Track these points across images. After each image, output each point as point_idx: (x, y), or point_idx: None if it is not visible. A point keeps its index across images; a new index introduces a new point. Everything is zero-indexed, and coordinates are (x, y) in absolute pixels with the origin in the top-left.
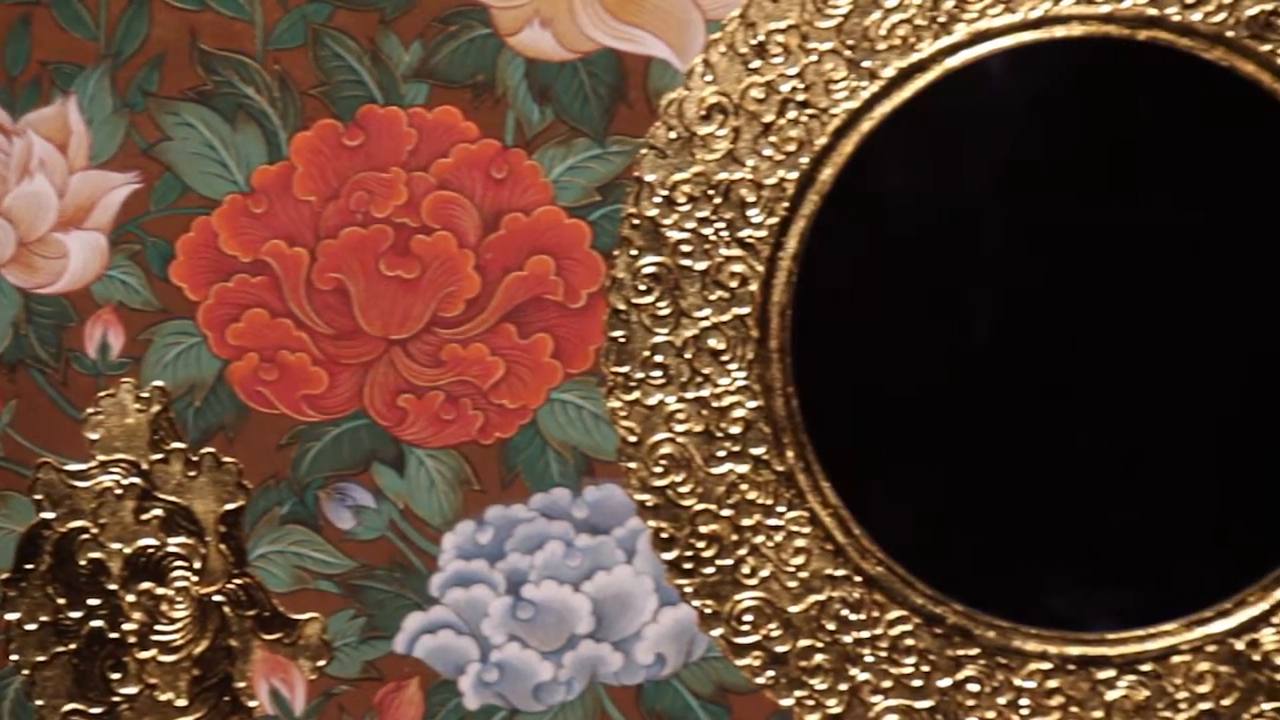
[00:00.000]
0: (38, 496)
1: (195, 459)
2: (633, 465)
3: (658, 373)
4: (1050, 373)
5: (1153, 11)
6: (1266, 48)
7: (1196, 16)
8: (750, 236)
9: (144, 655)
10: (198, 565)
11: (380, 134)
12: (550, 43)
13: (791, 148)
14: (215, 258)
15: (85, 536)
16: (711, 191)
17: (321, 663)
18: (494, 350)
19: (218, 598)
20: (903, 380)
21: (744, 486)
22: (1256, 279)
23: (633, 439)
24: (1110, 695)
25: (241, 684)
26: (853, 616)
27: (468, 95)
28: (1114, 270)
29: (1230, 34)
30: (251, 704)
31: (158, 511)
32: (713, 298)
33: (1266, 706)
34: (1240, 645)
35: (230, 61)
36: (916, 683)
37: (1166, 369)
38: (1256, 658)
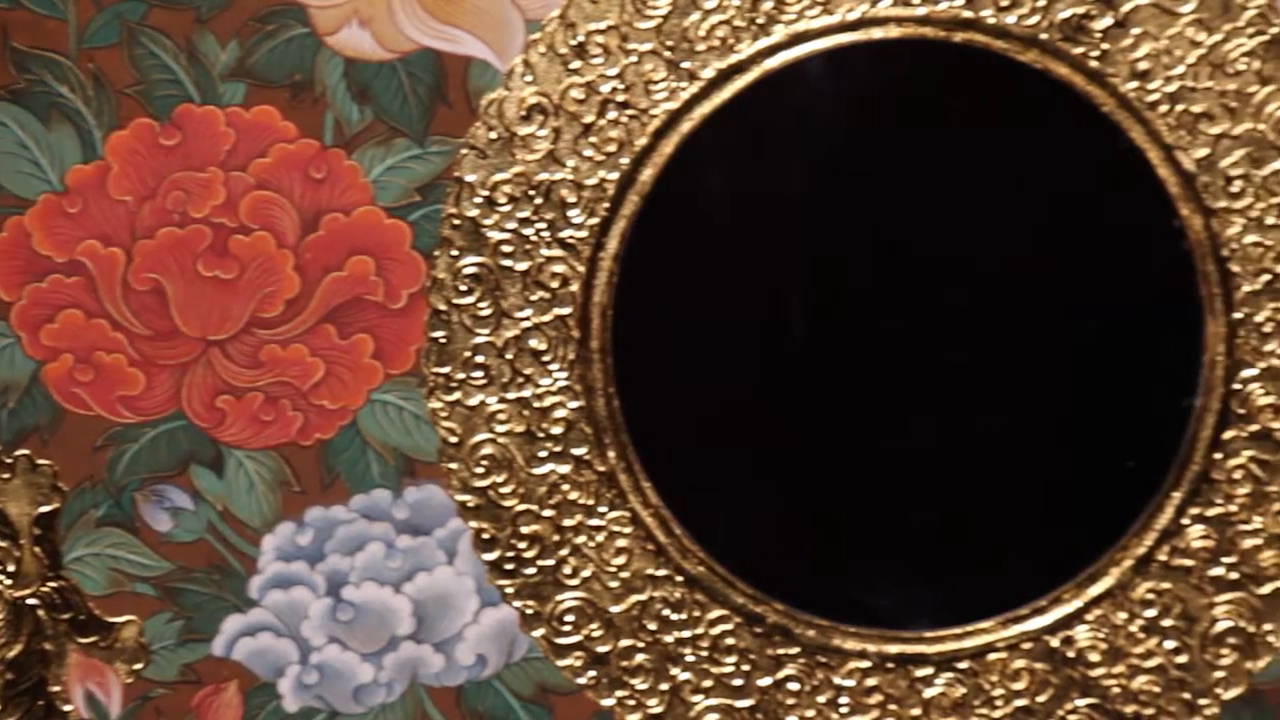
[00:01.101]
0: None
1: (9, 461)
2: (454, 466)
3: (479, 373)
4: (869, 373)
5: (968, 14)
6: (1079, 50)
7: (1011, 19)
8: (571, 237)
9: None
10: (11, 568)
11: (197, 133)
12: (369, 42)
13: (612, 148)
14: (29, 258)
15: None
16: (532, 192)
17: (138, 666)
18: (314, 351)
19: (32, 601)
20: (723, 380)
21: (565, 487)
22: (1069, 279)
23: (454, 440)
24: (928, 693)
25: (56, 688)
26: (674, 616)
27: (286, 95)
28: (930, 271)
29: (1044, 37)
30: (66, 708)
31: None
32: (534, 298)
33: (1080, 702)
34: (1055, 642)
35: (43, 60)
36: (737, 682)
37: (983, 368)
38: (1071, 654)
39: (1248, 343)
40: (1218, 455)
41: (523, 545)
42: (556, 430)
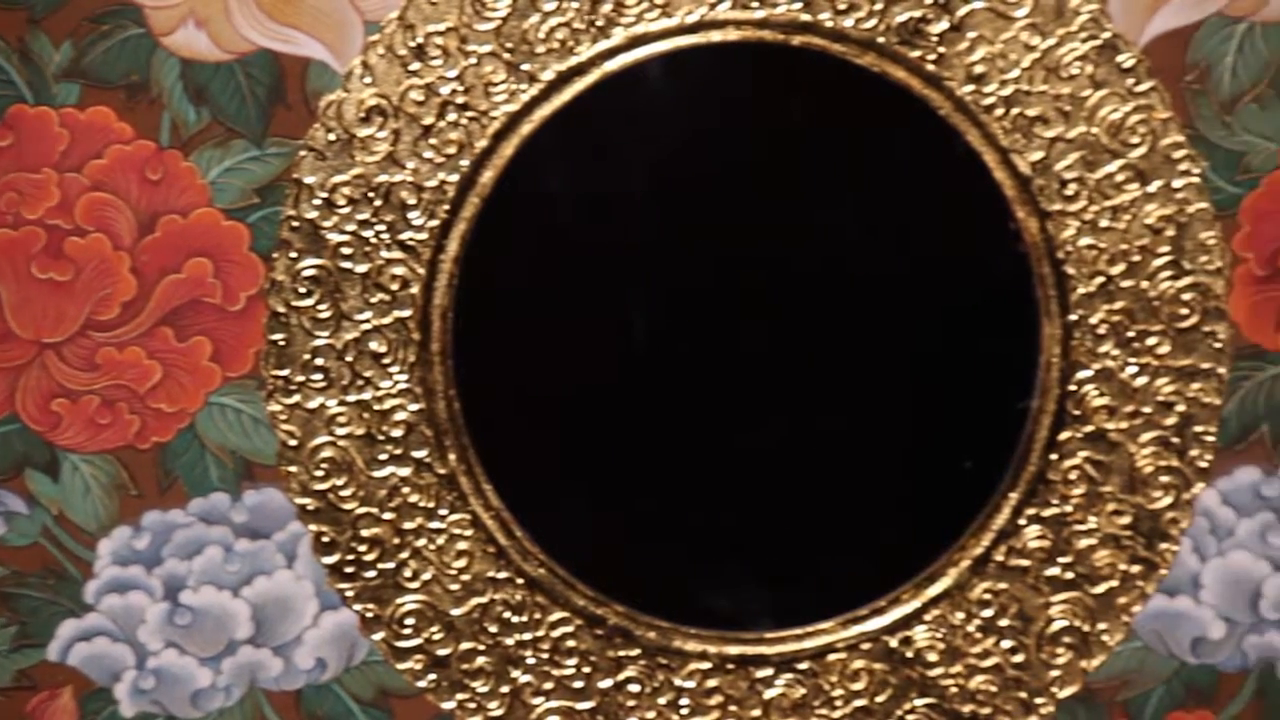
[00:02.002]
0: None
1: None
2: (293, 469)
3: (318, 376)
4: (709, 374)
5: (806, 17)
6: (916, 54)
7: (848, 23)
8: (411, 239)
9: None
10: None
11: (31, 134)
12: (206, 43)
13: (452, 150)
14: None
15: None
16: (372, 194)
17: None
18: (151, 353)
19: None
20: (564, 382)
21: (406, 490)
22: (907, 281)
23: (293, 443)
24: (768, 694)
25: None
26: (515, 619)
27: (121, 96)
28: (771, 271)
29: (881, 40)
30: None
31: None
32: (374, 300)
33: (919, 702)
34: (894, 643)
35: None
36: (578, 684)
37: (823, 370)
38: (909, 655)
39: (1082, 344)
40: (1053, 456)
41: (363, 548)
42: (397, 433)
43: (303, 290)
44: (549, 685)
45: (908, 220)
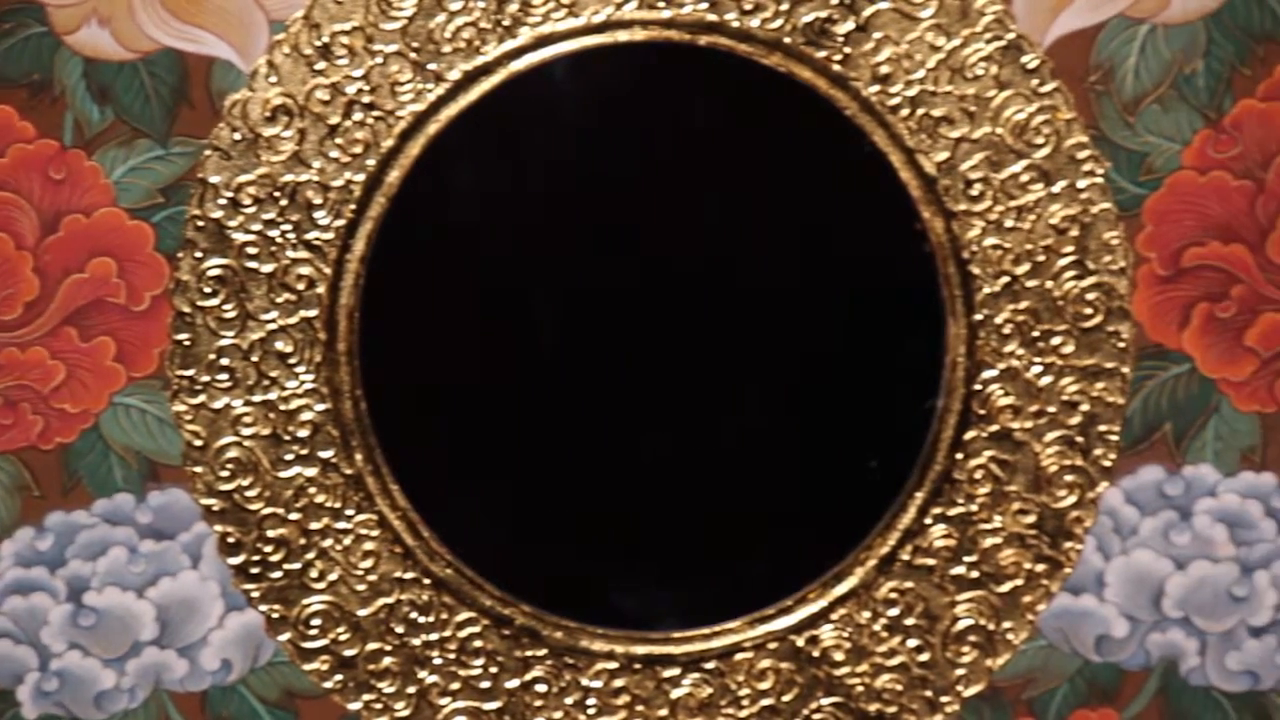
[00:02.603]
0: None
1: None
2: (198, 470)
3: (224, 376)
4: (615, 373)
5: (713, 18)
6: (822, 54)
7: (755, 23)
8: (317, 239)
9: None
10: None
11: None
12: (109, 42)
13: (358, 150)
14: None
15: None
16: (277, 193)
17: None
18: (54, 354)
19: None
20: (471, 382)
21: (312, 490)
22: (814, 281)
23: (198, 443)
24: (675, 693)
25: None
26: (421, 619)
27: (23, 94)
28: (676, 272)
29: (787, 40)
30: None
31: None
32: (280, 300)
33: (825, 701)
34: (801, 642)
35: None
36: (485, 684)
37: (729, 369)
38: (816, 654)
39: (988, 344)
40: (959, 456)
41: (269, 549)
42: (303, 433)
43: (208, 290)
44: (456, 685)
45: (814, 220)
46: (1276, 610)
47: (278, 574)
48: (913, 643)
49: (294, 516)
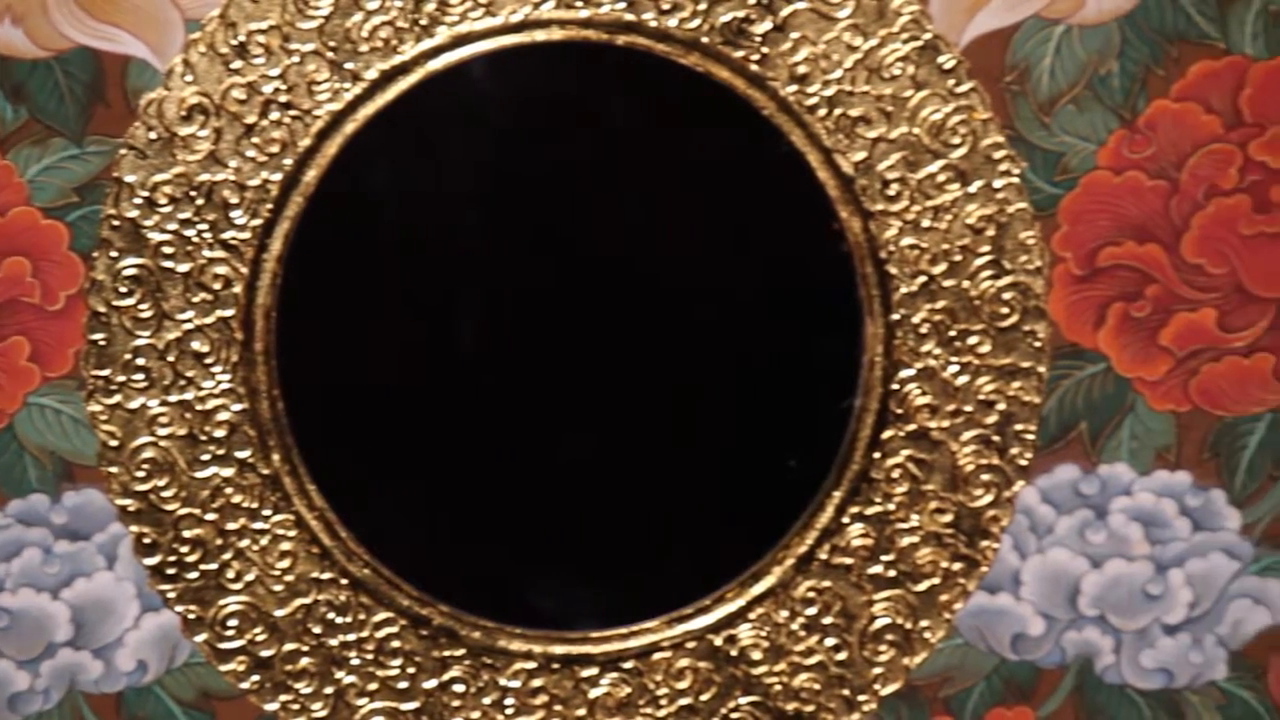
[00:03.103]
0: None
1: None
2: (114, 470)
3: (139, 376)
4: (533, 374)
5: (630, 17)
6: (739, 54)
7: (672, 23)
8: (234, 238)
9: None
10: None
11: None
12: (22, 40)
13: (274, 149)
14: None
15: None
16: (193, 193)
17: None
18: None
19: None
20: (389, 382)
21: (229, 490)
22: (732, 281)
23: (114, 443)
24: (593, 693)
25: None
26: (339, 619)
27: None
28: (595, 272)
29: (705, 40)
30: None
31: None
32: (196, 300)
33: (743, 700)
34: (719, 641)
35: None
36: (402, 684)
37: (649, 369)
38: (734, 653)
39: (905, 344)
40: (876, 455)
41: (185, 550)
42: (220, 433)
43: (123, 290)
44: (373, 686)
45: (732, 220)
46: (1190, 608)
47: (194, 574)
48: (830, 642)
49: (210, 517)
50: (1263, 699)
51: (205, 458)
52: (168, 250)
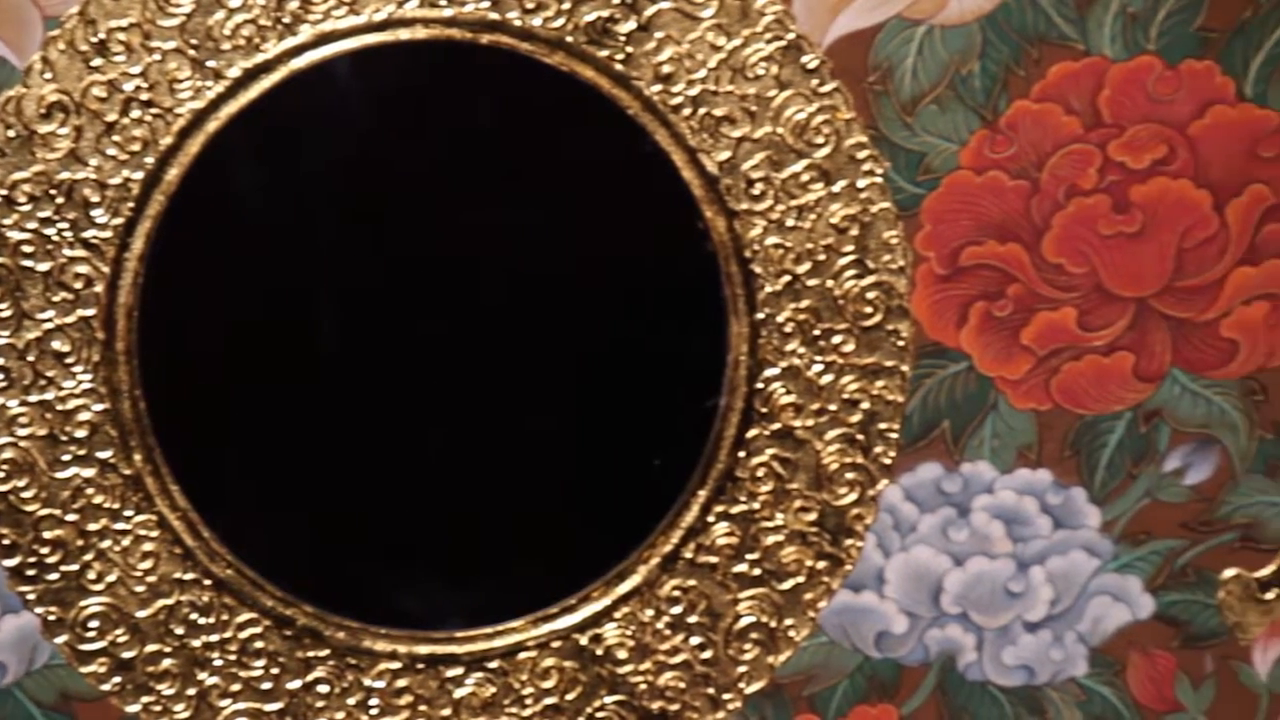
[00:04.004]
0: None
1: None
2: None
3: None
4: (396, 373)
5: (495, 16)
6: (604, 53)
7: (537, 22)
8: (95, 237)
9: None
10: None
11: None
12: None
13: (136, 147)
14: None
15: None
16: (53, 191)
17: None
18: None
19: None
20: (252, 381)
21: (90, 491)
22: (598, 280)
23: None
24: (459, 693)
25: None
26: (202, 620)
27: None
28: (459, 271)
29: (569, 39)
30: None
31: None
32: (56, 299)
33: (608, 699)
34: (584, 640)
35: None
36: (266, 685)
37: (513, 368)
38: (599, 652)
39: (770, 343)
40: (741, 454)
41: (45, 551)
42: (80, 433)
43: None
44: (237, 687)
45: (597, 219)
46: (1051, 605)
47: (54, 576)
48: (695, 640)
49: (71, 518)
50: (1122, 695)
51: (66, 458)
52: (27, 249)
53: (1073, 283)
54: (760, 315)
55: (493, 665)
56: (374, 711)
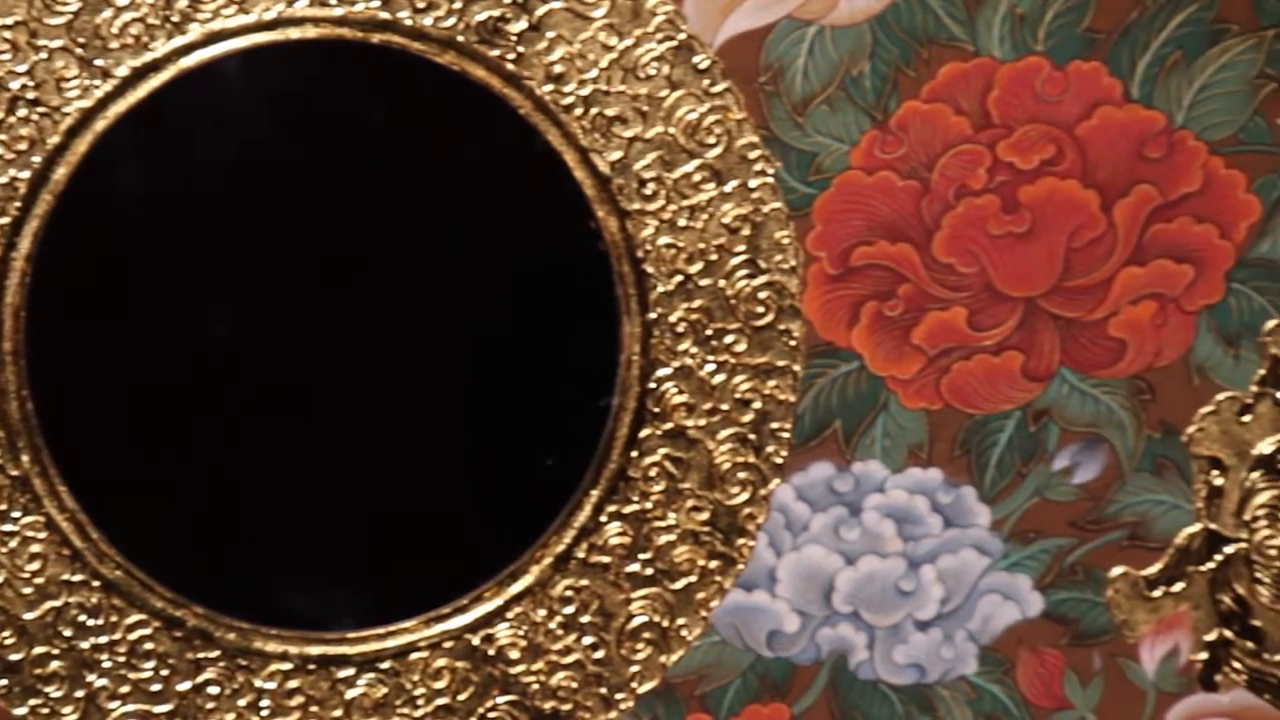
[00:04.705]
0: None
1: None
2: None
3: None
4: (289, 372)
5: (385, 15)
6: (495, 53)
7: (428, 21)
8: None
9: None
10: None
11: None
12: None
13: (23, 146)
14: None
15: None
16: None
17: None
18: None
19: None
20: (141, 381)
21: None
22: (489, 280)
23: None
24: (350, 694)
25: None
26: (90, 622)
27: None
28: (350, 272)
29: (461, 39)
30: None
31: None
32: None
33: (500, 700)
34: (476, 640)
35: None
36: (156, 687)
37: (404, 368)
38: (491, 652)
39: (662, 342)
40: (634, 453)
41: None
42: None
43: None
44: (126, 689)
45: (488, 219)
46: (941, 604)
47: None
48: (588, 640)
49: None
50: (1012, 693)
51: None
52: None
53: (963, 282)
54: (652, 315)
55: (384, 666)
56: (265, 713)
